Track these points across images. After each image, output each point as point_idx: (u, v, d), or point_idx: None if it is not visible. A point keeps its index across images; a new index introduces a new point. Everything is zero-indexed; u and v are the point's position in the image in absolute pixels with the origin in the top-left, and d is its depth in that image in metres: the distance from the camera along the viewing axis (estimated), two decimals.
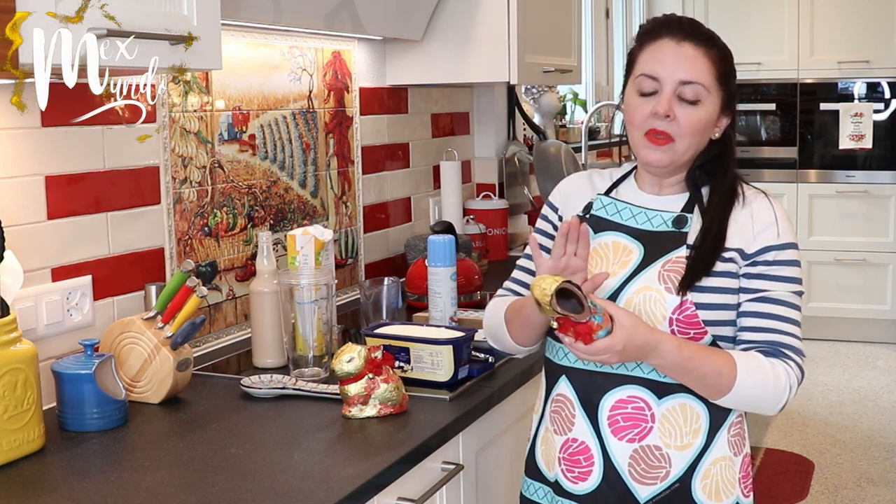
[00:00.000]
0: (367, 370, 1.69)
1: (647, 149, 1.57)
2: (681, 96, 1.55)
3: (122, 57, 1.46)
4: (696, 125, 1.55)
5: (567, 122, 4.78)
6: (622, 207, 1.63)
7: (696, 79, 1.54)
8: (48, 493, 1.42)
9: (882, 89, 5.80)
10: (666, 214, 1.60)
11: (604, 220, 1.63)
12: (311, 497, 1.38)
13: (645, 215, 1.61)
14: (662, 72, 1.55)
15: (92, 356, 1.70)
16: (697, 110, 1.55)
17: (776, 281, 1.54)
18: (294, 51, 2.49)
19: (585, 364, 1.59)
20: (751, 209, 1.58)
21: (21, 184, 1.76)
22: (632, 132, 1.61)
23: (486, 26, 2.79)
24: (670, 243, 1.57)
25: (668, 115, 1.54)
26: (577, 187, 1.72)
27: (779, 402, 1.52)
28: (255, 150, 2.36)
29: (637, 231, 1.60)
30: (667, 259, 1.56)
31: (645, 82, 1.57)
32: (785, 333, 1.54)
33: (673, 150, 1.56)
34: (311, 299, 1.96)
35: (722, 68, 1.57)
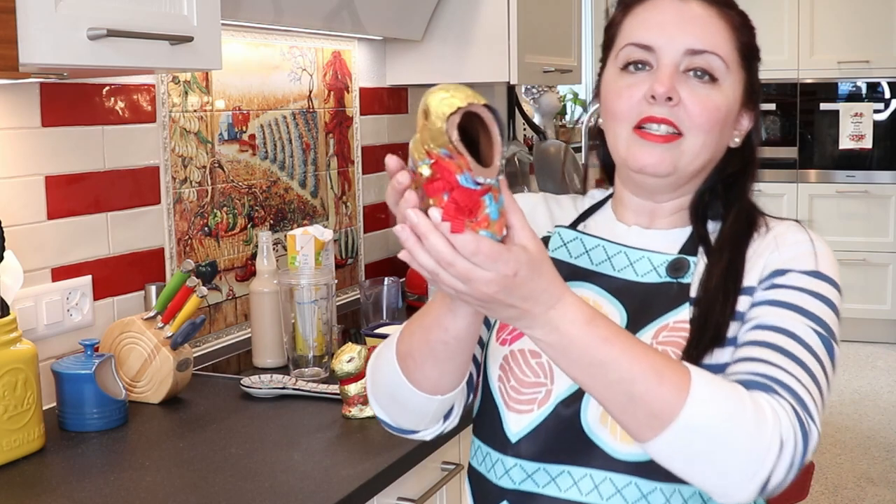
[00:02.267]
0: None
1: (639, 147, 1.08)
2: (689, 69, 1.08)
3: (122, 57, 1.46)
4: (713, 113, 1.08)
5: (567, 122, 4.78)
6: (593, 246, 1.14)
7: (711, 47, 1.08)
8: (48, 493, 1.42)
9: (882, 89, 5.80)
10: (658, 257, 1.11)
11: (565, 266, 1.13)
12: (311, 497, 1.38)
13: (626, 257, 1.12)
14: (659, 37, 1.08)
15: (92, 356, 1.70)
16: (714, 92, 1.08)
17: (792, 310, 1.02)
18: (294, 51, 2.49)
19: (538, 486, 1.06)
20: (775, 233, 1.11)
21: (21, 184, 1.76)
22: (613, 128, 1.11)
23: (486, 26, 2.79)
24: (665, 300, 1.08)
25: (670, 97, 1.07)
26: (529, 211, 1.19)
27: (758, 457, 0.90)
28: (255, 150, 2.36)
29: (615, 282, 1.11)
30: (660, 325, 1.07)
31: (634, 53, 1.10)
32: (786, 372, 0.97)
33: (679, 150, 1.08)
34: (311, 299, 1.96)
35: (744, 38, 1.11)
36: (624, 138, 1.10)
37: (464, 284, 0.85)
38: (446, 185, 0.84)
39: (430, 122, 0.84)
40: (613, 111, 1.11)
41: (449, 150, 0.83)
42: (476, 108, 0.85)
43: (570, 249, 1.15)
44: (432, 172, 0.85)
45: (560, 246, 1.16)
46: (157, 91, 2.05)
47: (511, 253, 0.85)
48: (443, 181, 0.84)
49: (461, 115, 0.84)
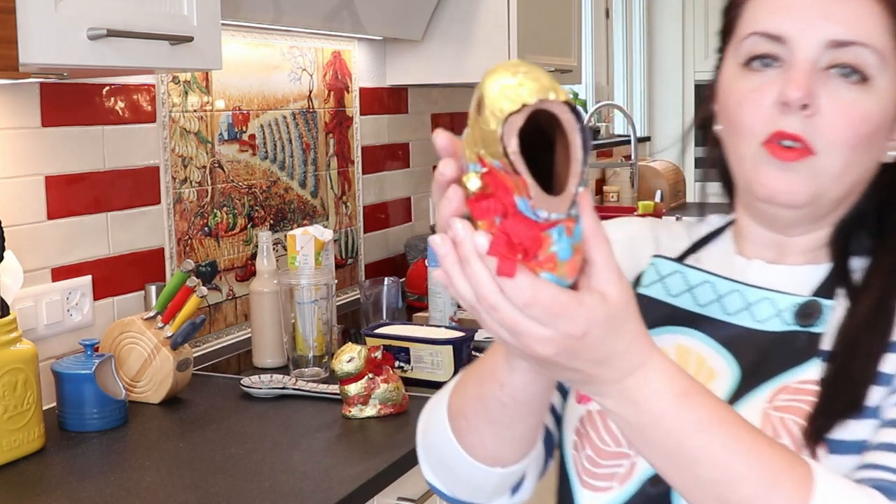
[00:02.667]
0: (367, 370, 1.69)
1: (768, 168, 0.84)
2: (832, 65, 0.83)
3: (122, 57, 1.47)
4: (860, 126, 0.82)
5: None
6: (699, 282, 0.91)
7: (861, 37, 0.82)
8: (48, 493, 1.42)
9: None
10: (784, 299, 0.87)
11: (662, 307, 0.91)
12: (311, 497, 1.38)
13: (742, 298, 0.89)
14: (793, 25, 0.83)
15: (92, 356, 1.70)
16: (863, 97, 0.82)
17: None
18: (294, 51, 2.49)
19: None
20: None
21: (21, 184, 1.76)
22: (736, 143, 0.88)
23: (486, 26, 2.80)
24: (789, 354, 0.85)
25: (805, 105, 0.82)
26: (628, 241, 0.99)
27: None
28: (255, 150, 2.37)
29: (726, 329, 0.88)
30: (780, 385, 0.84)
31: (760, 45, 0.85)
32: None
33: (813, 173, 0.83)
34: (311, 299, 1.96)
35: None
36: (750, 157, 0.86)
37: (512, 336, 0.65)
38: (499, 206, 0.60)
39: (482, 118, 0.60)
40: (735, 121, 0.87)
41: (503, 164, 0.59)
42: (551, 105, 0.62)
43: (669, 286, 0.91)
44: (483, 185, 0.60)
45: (655, 281, 0.92)
46: (157, 91, 2.05)
47: (582, 307, 0.64)
48: (496, 200, 0.60)
49: (526, 116, 0.60)
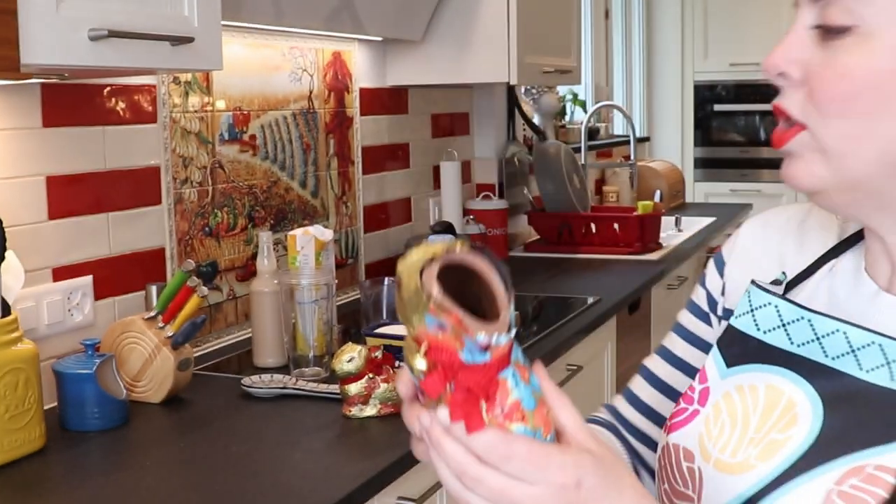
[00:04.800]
0: (368, 370, 1.69)
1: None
2: (816, 25, 0.75)
3: (123, 58, 1.47)
4: (840, 83, 0.71)
5: (566, 122, 4.78)
6: (794, 318, 0.78)
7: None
8: (49, 493, 1.43)
9: None
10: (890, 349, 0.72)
11: (750, 342, 0.80)
12: (311, 497, 1.39)
13: (846, 341, 0.74)
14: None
15: (93, 356, 1.70)
16: (848, 51, 0.71)
17: None
18: (294, 51, 2.49)
19: None
20: None
21: (22, 184, 1.76)
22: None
23: (486, 26, 2.80)
24: (882, 424, 0.70)
25: (780, 73, 0.75)
26: (763, 241, 0.89)
27: None
28: (256, 150, 2.37)
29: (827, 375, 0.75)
30: (856, 465, 0.70)
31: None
32: None
33: (811, 149, 0.73)
34: (312, 299, 1.96)
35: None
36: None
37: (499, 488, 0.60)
38: (447, 370, 0.60)
39: (403, 290, 0.61)
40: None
41: (432, 311, 0.59)
42: (458, 257, 0.62)
43: (759, 320, 0.79)
44: (427, 363, 0.61)
45: (746, 312, 0.80)
46: (158, 91, 2.05)
47: (565, 454, 0.61)
48: (442, 367, 0.61)
49: (440, 265, 0.62)
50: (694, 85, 6.13)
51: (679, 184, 4.95)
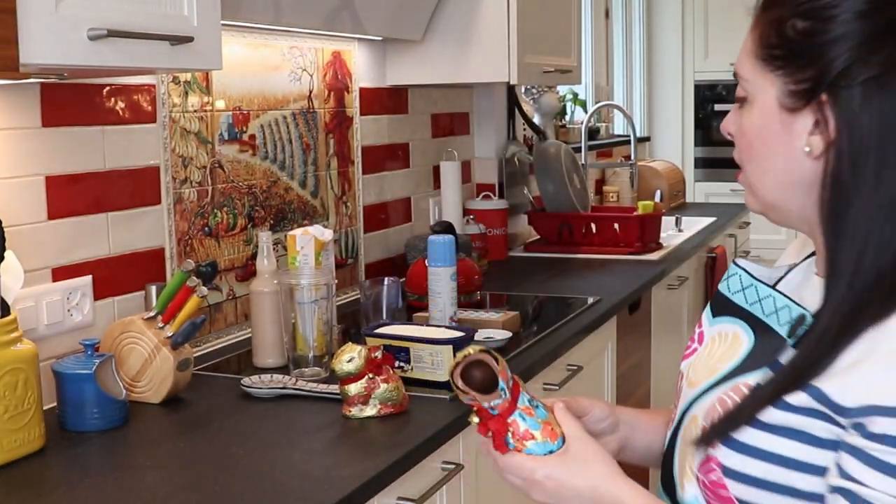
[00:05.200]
0: (368, 370, 1.69)
1: None
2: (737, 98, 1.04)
3: (123, 58, 1.47)
4: (741, 139, 1.02)
5: (567, 122, 4.78)
6: (748, 284, 1.08)
7: (737, 68, 1.03)
8: (48, 493, 1.43)
9: None
10: (795, 310, 1.00)
11: (722, 299, 1.11)
12: (311, 497, 1.39)
13: (773, 304, 1.04)
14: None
15: (92, 356, 1.70)
16: (744, 115, 1.02)
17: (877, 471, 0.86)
18: (294, 51, 2.49)
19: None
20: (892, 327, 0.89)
21: (21, 184, 1.76)
22: None
23: (486, 26, 2.80)
24: (763, 356, 1.01)
25: (729, 133, 1.05)
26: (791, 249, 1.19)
27: None
28: (256, 150, 2.37)
29: (758, 322, 1.05)
30: (742, 381, 1.00)
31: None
32: None
33: (748, 184, 1.03)
34: (312, 299, 1.96)
35: (771, 35, 0.98)
36: None
37: (514, 483, 1.07)
38: (485, 422, 1.05)
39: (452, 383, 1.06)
40: None
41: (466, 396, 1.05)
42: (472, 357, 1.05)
43: (730, 284, 1.10)
44: (478, 418, 1.06)
45: (725, 279, 1.12)
46: (158, 91, 2.05)
47: (535, 462, 1.03)
48: (482, 420, 1.05)
49: (464, 367, 1.05)
50: (694, 85, 6.13)
51: (679, 184, 4.95)
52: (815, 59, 0.93)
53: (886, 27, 0.91)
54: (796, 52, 0.95)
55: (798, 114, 0.95)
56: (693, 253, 3.60)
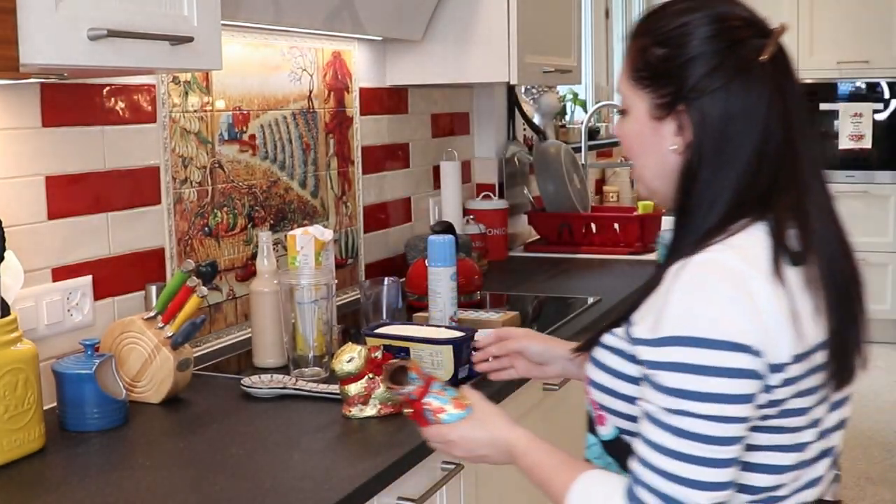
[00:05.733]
0: (368, 370, 1.69)
1: None
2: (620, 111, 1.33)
3: (123, 58, 1.47)
4: (624, 140, 1.28)
5: (567, 122, 4.78)
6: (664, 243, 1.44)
7: (617, 86, 1.28)
8: (48, 493, 1.43)
9: (881, 89, 5.80)
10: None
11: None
12: (311, 497, 1.39)
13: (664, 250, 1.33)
14: None
15: (92, 356, 1.70)
16: (622, 122, 1.27)
17: (653, 390, 1.11)
18: (294, 51, 2.49)
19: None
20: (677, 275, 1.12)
21: (21, 184, 1.76)
22: None
23: (486, 26, 2.80)
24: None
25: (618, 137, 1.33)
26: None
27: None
28: (256, 150, 2.37)
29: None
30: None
31: None
32: (641, 464, 1.11)
33: (635, 177, 1.36)
34: (312, 299, 1.96)
35: (639, 61, 1.22)
36: None
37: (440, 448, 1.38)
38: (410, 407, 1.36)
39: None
40: None
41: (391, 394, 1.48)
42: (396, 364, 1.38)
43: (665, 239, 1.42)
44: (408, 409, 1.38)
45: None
46: (158, 91, 2.05)
47: (447, 427, 1.33)
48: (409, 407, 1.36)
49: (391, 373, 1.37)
50: None
51: None
52: (673, 78, 1.18)
53: (727, 49, 1.15)
54: (658, 74, 1.19)
55: (663, 121, 1.20)
56: None
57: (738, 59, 1.15)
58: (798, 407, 1.13)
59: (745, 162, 1.14)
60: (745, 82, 1.15)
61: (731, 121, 1.15)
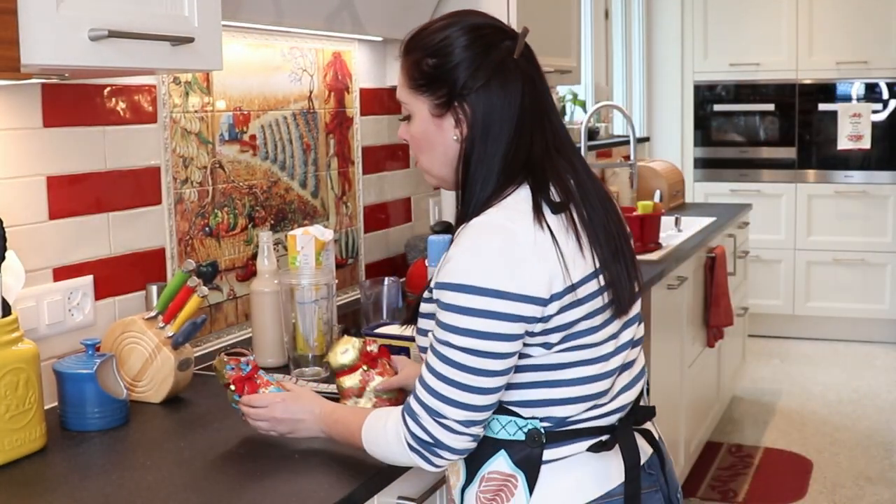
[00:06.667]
0: (362, 362, 1.69)
1: None
2: (404, 117, 1.50)
3: (124, 58, 1.47)
4: (413, 141, 1.47)
5: (566, 122, 4.78)
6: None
7: (398, 96, 1.47)
8: (49, 493, 1.43)
9: (880, 90, 5.81)
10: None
11: None
12: (311, 496, 1.39)
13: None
14: None
15: (93, 356, 1.71)
16: (408, 127, 1.47)
17: (437, 327, 1.35)
18: (294, 51, 2.49)
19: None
20: (456, 237, 1.38)
21: (23, 184, 1.76)
22: None
23: None
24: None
25: (404, 139, 1.50)
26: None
27: (407, 459, 1.38)
28: (256, 150, 2.37)
29: None
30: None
31: None
32: (418, 381, 1.37)
33: (423, 169, 1.50)
34: (312, 299, 1.96)
35: (415, 72, 1.43)
36: None
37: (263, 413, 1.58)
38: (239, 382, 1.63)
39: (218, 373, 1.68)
40: None
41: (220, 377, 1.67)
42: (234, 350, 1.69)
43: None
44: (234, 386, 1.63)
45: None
46: (158, 92, 2.05)
47: (272, 396, 1.58)
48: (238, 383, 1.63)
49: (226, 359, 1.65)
50: (694, 85, 6.13)
51: (679, 184, 4.96)
52: (445, 81, 1.40)
53: (483, 52, 1.39)
54: (432, 80, 1.41)
55: (443, 118, 1.42)
56: (692, 253, 3.60)
57: (493, 60, 1.39)
58: (591, 326, 1.36)
59: (508, 140, 1.38)
60: (501, 78, 1.38)
61: (495, 109, 1.38)
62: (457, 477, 1.46)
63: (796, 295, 5.97)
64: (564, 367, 1.36)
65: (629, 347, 1.45)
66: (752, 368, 5.33)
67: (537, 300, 1.30)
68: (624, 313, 1.42)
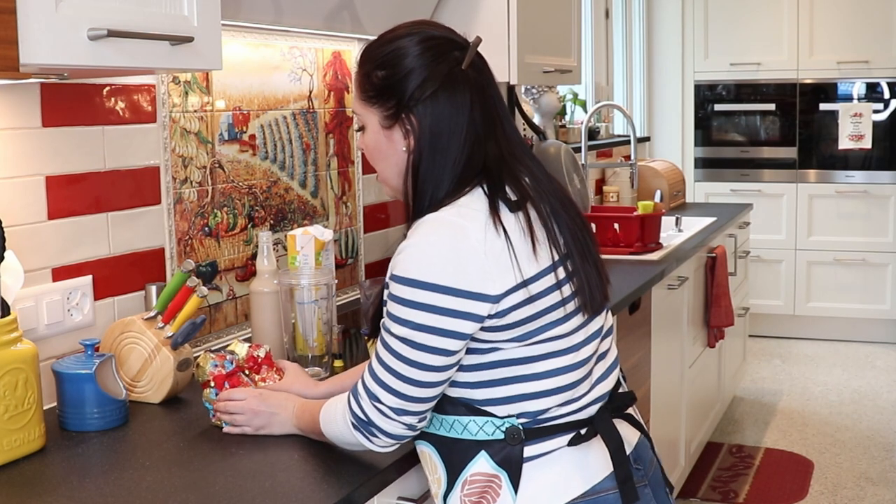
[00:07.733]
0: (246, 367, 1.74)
1: None
2: (359, 128, 1.52)
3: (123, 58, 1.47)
4: (368, 151, 1.49)
5: (567, 122, 4.78)
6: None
7: (352, 107, 1.51)
8: (49, 493, 1.43)
9: (881, 89, 5.80)
10: None
11: None
12: (311, 497, 1.39)
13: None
14: None
15: (92, 356, 1.70)
16: (363, 137, 1.49)
17: (385, 315, 1.38)
18: (294, 51, 2.49)
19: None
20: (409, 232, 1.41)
21: (22, 184, 1.76)
22: None
23: (486, 26, 2.80)
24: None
25: (360, 148, 1.53)
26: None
27: (353, 439, 1.43)
28: (256, 150, 2.37)
29: None
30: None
31: None
32: (367, 367, 1.42)
33: (381, 181, 1.51)
34: (312, 299, 1.96)
35: (366, 84, 1.45)
36: None
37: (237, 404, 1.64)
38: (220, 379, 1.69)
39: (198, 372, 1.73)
40: None
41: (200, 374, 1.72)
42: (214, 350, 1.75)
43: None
44: (214, 383, 1.70)
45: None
46: (158, 91, 2.05)
47: (250, 390, 1.65)
48: (217, 380, 1.69)
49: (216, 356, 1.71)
50: (694, 85, 6.13)
51: (679, 184, 4.95)
52: (394, 92, 1.41)
53: (433, 63, 1.40)
54: (381, 91, 1.42)
55: (393, 129, 1.43)
56: (693, 253, 3.60)
57: (441, 71, 1.40)
58: (554, 319, 1.37)
59: (458, 148, 1.39)
60: (450, 88, 1.40)
61: (442, 120, 1.40)
62: (438, 485, 1.45)
63: (797, 295, 5.97)
64: (534, 361, 1.37)
65: (599, 337, 1.46)
66: (753, 369, 5.33)
67: (484, 297, 1.31)
68: (597, 312, 1.44)
